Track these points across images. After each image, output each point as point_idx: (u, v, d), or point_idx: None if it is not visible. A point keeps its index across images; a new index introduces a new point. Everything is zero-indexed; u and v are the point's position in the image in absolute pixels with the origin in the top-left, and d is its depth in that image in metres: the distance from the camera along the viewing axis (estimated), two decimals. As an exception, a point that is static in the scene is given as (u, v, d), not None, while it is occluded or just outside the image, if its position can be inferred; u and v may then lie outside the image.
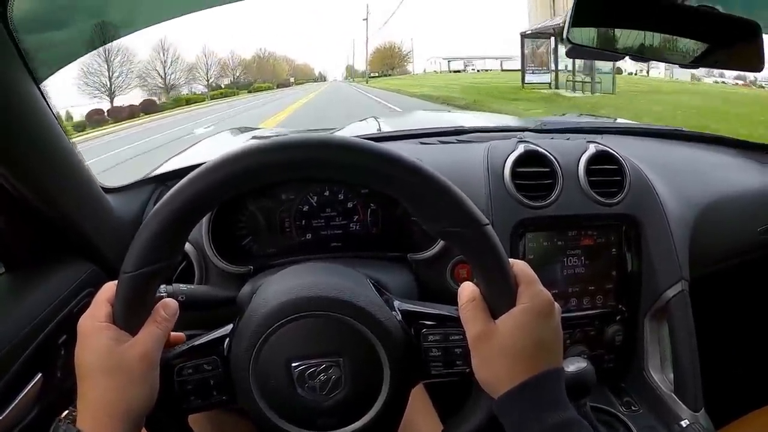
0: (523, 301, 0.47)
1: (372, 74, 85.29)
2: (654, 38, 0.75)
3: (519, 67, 19.22)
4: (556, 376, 0.47)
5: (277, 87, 72.46)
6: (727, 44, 0.76)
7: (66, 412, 0.46)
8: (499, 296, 0.48)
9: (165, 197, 0.44)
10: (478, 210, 0.46)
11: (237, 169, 0.43)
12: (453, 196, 0.45)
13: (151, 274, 0.45)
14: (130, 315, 0.47)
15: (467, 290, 0.50)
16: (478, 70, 61.02)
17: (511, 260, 0.48)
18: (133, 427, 0.46)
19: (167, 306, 0.50)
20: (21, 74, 0.58)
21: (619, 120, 1.60)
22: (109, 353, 0.45)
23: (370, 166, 0.44)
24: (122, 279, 0.46)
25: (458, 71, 63.19)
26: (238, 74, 72.70)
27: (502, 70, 49.68)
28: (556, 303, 0.49)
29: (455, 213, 0.45)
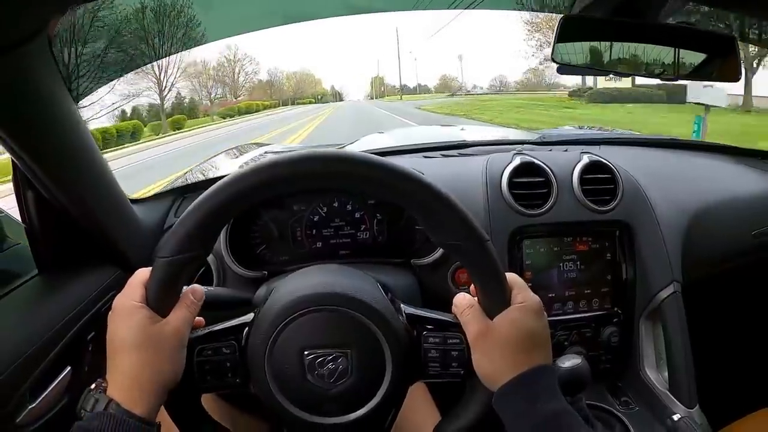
0: (517, 301, 0.53)
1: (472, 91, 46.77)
2: (636, 54, 0.80)
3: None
4: (548, 371, 0.52)
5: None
6: (706, 58, 0.81)
7: (95, 384, 0.50)
8: (496, 300, 0.53)
9: (207, 192, 0.49)
10: (480, 227, 0.52)
11: (275, 173, 0.48)
12: (459, 212, 0.51)
13: (185, 261, 0.50)
14: (162, 297, 0.52)
15: (465, 299, 0.56)
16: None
17: None
18: (158, 400, 0.50)
19: (195, 291, 0.55)
20: (63, 93, 0.64)
21: (616, 131, 1.64)
22: (144, 330, 0.50)
23: (391, 182, 0.50)
24: (158, 263, 0.51)
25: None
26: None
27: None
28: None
29: (461, 228, 0.51)
